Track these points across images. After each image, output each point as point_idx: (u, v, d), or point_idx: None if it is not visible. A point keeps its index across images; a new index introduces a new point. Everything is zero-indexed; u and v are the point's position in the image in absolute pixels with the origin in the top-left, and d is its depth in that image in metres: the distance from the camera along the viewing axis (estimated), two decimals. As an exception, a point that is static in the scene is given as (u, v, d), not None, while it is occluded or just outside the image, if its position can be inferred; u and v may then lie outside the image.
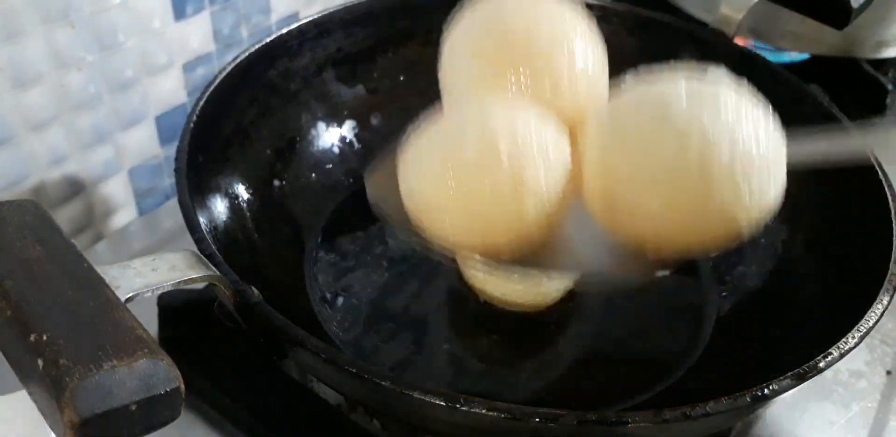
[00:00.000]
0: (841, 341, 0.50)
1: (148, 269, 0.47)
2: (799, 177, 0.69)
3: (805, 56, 0.97)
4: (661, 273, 0.67)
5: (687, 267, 0.73)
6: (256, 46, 0.70)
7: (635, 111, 0.50)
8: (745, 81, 0.52)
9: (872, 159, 0.63)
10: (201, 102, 0.63)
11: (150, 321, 0.65)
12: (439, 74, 0.59)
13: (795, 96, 0.71)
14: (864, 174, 0.63)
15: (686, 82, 0.50)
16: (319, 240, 0.73)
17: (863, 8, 0.71)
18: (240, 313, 0.51)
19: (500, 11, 0.56)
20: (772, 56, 0.77)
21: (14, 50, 0.63)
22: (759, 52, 0.75)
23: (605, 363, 0.66)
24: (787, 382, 0.47)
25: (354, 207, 0.76)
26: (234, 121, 0.69)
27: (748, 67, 0.75)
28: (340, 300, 0.69)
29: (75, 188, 0.74)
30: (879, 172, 0.63)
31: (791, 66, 0.93)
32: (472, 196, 0.49)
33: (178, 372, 0.40)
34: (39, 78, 0.66)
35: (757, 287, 0.68)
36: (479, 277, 0.64)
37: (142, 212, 0.82)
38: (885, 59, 0.94)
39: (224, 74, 0.66)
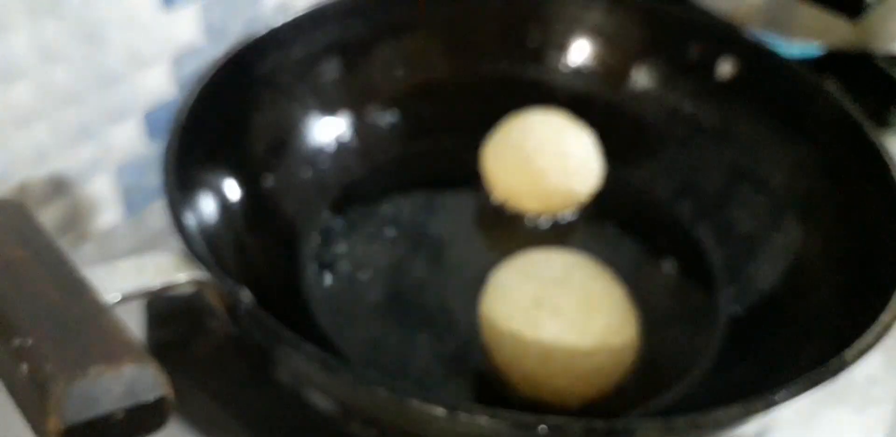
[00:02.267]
0: (855, 345, 0.50)
1: (135, 271, 0.48)
2: (815, 175, 0.70)
3: (819, 51, 0.97)
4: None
5: (698, 267, 0.73)
6: (248, 39, 0.69)
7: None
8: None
9: (887, 157, 0.63)
10: (191, 97, 0.63)
11: (136, 325, 0.65)
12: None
13: (809, 90, 0.71)
14: (881, 173, 0.63)
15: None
16: (314, 239, 0.72)
17: (877, 1, 0.71)
18: (230, 316, 0.51)
19: None
20: (784, 49, 0.77)
21: (-3, 44, 0.62)
22: (771, 45, 0.75)
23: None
24: (800, 387, 0.47)
25: (351, 204, 0.76)
26: (225, 116, 0.68)
27: (761, 61, 0.76)
28: (339, 302, 0.68)
29: (60, 187, 0.73)
30: (894, 170, 0.62)
31: (804, 60, 0.93)
32: None
33: (166, 378, 0.40)
34: (24, 73, 0.65)
35: (770, 288, 0.68)
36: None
37: (129, 211, 0.82)
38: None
39: (215, 67, 0.66)
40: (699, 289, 0.71)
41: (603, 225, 0.77)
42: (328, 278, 0.70)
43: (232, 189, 0.67)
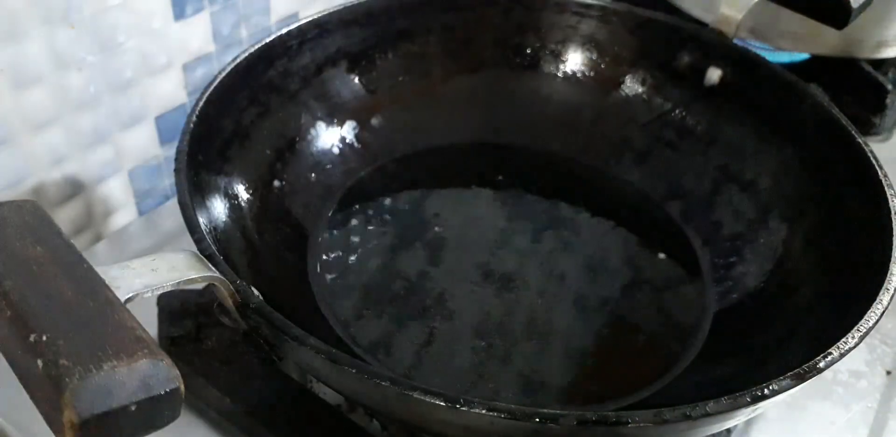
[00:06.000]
0: (841, 341, 0.50)
1: (147, 269, 0.47)
2: (800, 178, 0.70)
3: (805, 56, 0.97)
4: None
5: (686, 267, 0.74)
6: (256, 46, 0.70)
7: None
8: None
9: (872, 158, 0.64)
10: (201, 103, 0.63)
11: (149, 322, 0.65)
12: None
13: (795, 96, 0.72)
14: (865, 173, 0.63)
15: None
16: (321, 238, 0.73)
17: (862, 8, 0.71)
18: (240, 313, 0.51)
19: None
20: (771, 56, 0.77)
21: (14, 51, 0.63)
22: (758, 52, 0.75)
23: (604, 361, 0.66)
24: (787, 382, 0.47)
25: (356, 204, 0.77)
26: (234, 121, 0.69)
27: (748, 68, 0.76)
28: (343, 300, 0.69)
29: (75, 189, 0.74)
30: (879, 171, 0.63)
31: (791, 67, 0.93)
32: None
33: (178, 372, 0.40)
34: (39, 78, 0.66)
35: (756, 287, 0.68)
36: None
37: (142, 212, 0.82)
38: (885, 59, 0.94)
39: (224, 74, 0.66)
40: (687, 286, 0.72)
41: (597, 223, 0.78)
42: (335, 275, 0.71)
43: (241, 191, 0.68)
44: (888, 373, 0.71)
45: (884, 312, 0.53)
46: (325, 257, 0.72)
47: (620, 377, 0.65)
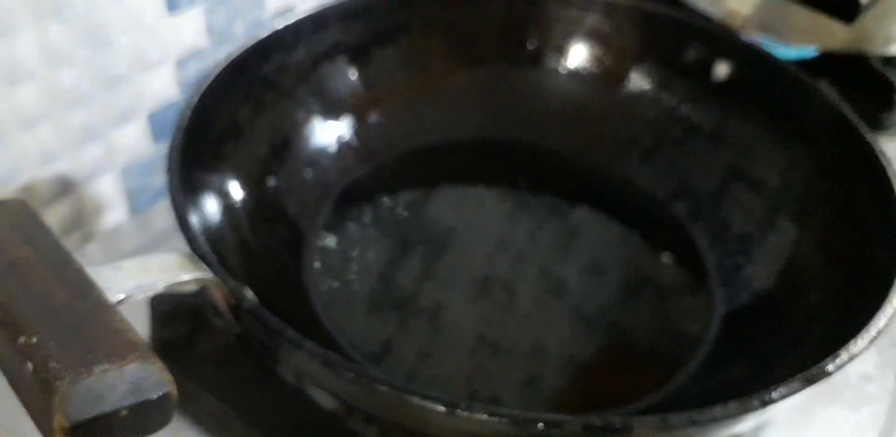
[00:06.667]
0: (850, 344, 0.50)
1: (139, 270, 0.47)
2: (810, 176, 0.70)
3: (813, 53, 0.97)
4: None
5: (693, 268, 0.73)
6: (251, 42, 0.69)
7: None
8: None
9: (882, 159, 0.63)
10: (195, 99, 0.63)
11: (141, 324, 0.65)
12: None
13: (804, 92, 0.71)
14: (874, 171, 0.63)
15: None
16: (317, 238, 0.73)
17: (872, 2, 0.71)
18: (234, 315, 0.51)
19: None
20: (779, 52, 0.77)
21: (4, 46, 0.62)
22: (766, 47, 0.75)
23: (609, 365, 0.65)
24: (795, 385, 0.47)
25: (353, 203, 0.76)
26: (229, 118, 0.68)
27: (756, 63, 0.76)
28: (340, 302, 0.68)
29: (65, 187, 0.73)
30: (889, 169, 0.62)
31: (799, 62, 0.93)
32: None
33: (171, 376, 0.40)
34: (30, 75, 0.65)
35: (765, 288, 0.68)
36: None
37: (134, 211, 0.82)
38: (895, 56, 0.94)
39: (218, 69, 0.66)
40: (694, 287, 0.72)
41: (602, 222, 0.78)
42: (331, 277, 0.70)
43: (235, 189, 0.67)
44: (898, 376, 0.71)
45: (894, 314, 0.52)
46: (321, 258, 0.72)
47: (626, 382, 0.64)
